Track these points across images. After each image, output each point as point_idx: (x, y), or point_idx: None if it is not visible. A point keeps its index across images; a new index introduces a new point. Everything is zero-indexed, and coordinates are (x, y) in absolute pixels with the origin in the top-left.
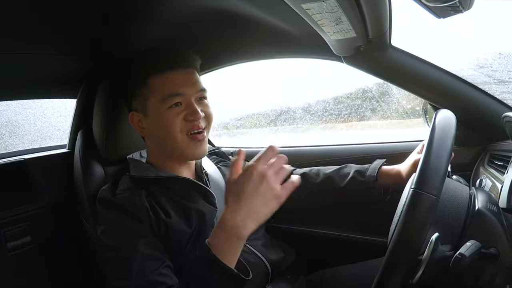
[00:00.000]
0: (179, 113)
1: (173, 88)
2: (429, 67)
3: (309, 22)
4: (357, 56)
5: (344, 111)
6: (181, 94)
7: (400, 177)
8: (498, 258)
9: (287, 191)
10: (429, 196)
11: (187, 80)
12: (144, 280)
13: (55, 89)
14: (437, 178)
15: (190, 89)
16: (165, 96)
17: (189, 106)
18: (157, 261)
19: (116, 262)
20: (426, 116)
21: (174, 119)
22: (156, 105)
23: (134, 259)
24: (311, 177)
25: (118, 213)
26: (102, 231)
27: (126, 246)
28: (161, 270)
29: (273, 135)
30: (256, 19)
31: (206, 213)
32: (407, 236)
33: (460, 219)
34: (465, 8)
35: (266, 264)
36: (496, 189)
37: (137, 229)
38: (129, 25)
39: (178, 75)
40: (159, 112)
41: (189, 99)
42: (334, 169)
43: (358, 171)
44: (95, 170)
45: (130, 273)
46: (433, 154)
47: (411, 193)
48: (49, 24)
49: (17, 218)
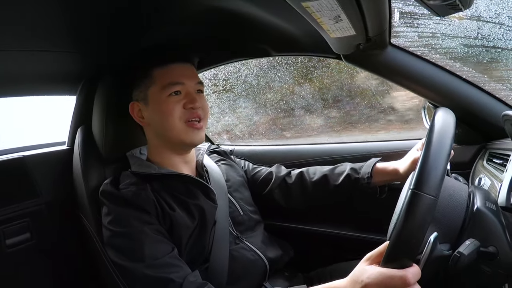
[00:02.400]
0: (179, 101)
1: (174, 77)
2: (429, 65)
3: (309, 20)
4: (357, 54)
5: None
6: (181, 83)
7: (398, 174)
8: (496, 256)
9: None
10: (428, 197)
11: (187, 72)
12: (158, 262)
13: (54, 86)
14: (435, 179)
15: (190, 80)
16: (166, 84)
17: (188, 94)
18: (168, 245)
19: (127, 248)
20: (425, 115)
21: (174, 106)
22: (156, 92)
23: (145, 243)
24: (308, 175)
25: (125, 205)
26: (110, 221)
27: (135, 231)
28: (174, 254)
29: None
30: (256, 17)
31: (206, 209)
32: (406, 237)
33: (459, 217)
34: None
35: (265, 261)
36: (495, 188)
37: (144, 218)
38: (129, 23)
39: (180, 67)
40: (160, 99)
41: (189, 88)
42: (330, 168)
43: (353, 169)
44: (95, 167)
45: (143, 257)
46: (431, 154)
47: (410, 194)
48: (48, 21)
49: (16, 214)
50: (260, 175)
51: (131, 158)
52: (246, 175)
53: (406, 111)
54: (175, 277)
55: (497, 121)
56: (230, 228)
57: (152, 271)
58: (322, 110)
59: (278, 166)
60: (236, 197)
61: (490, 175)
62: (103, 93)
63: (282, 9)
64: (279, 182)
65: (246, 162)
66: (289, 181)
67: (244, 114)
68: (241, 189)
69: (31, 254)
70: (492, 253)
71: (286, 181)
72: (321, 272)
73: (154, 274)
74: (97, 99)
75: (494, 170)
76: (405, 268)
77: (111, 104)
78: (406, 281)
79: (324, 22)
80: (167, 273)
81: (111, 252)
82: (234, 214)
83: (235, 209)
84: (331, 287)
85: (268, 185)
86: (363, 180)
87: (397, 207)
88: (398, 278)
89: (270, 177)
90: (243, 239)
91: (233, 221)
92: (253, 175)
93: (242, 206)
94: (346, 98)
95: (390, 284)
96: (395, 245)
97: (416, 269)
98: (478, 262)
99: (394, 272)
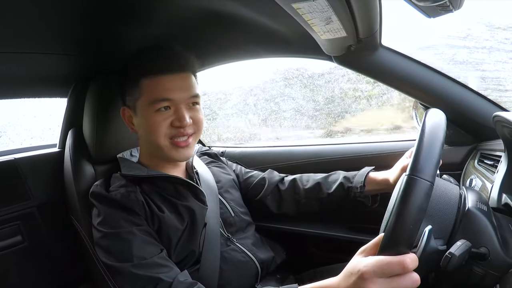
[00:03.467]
0: (166, 118)
1: (162, 93)
2: (420, 66)
3: (300, 21)
4: (348, 55)
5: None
6: (169, 99)
7: (388, 184)
8: (488, 257)
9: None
10: (424, 181)
11: (179, 85)
12: (146, 262)
13: (45, 88)
14: (430, 165)
15: (181, 95)
16: (153, 100)
17: (177, 111)
18: (156, 247)
19: (116, 248)
20: (416, 116)
21: (161, 123)
22: (144, 106)
23: (133, 244)
24: (301, 182)
25: (114, 207)
26: (99, 222)
27: (124, 232)
28: (163, 255)
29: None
30: (247, 19)
31: (196, 211)
32: (403, 223)
33: (450, 218)
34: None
35: (256, 263)
36: (486, 189)
37: (133, 219)
38: (121, 25)
39: (171, 79)
40: (147, 114)
41: (179, 104)
42: (323, 176)
43: (346, 177)
44: (85, 169)
45: (131, 257)
46: (425, 142)
47: (406, 179)
48: (39, 23)
49: (8, 217)
50: (253, 180)
51: (122, 160)
52: (238, 179)
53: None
54: (165, 276)
55: (488, 122)
56: (221, 230)
57: (141, 270)
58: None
59: (270, 172)
60: (227, 198)
61: (481, 176)
62: (94, 95)
63: (273, 10)
64: (272, 189)
65: (239, 166)
66: (282, 187)
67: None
68: (231, 190)
69: (23, 257)
70: (484, 254)
71: (279, 188)
72: (313, 274)
73: (142, 273)
74: (88, 101)
75: (485, 171)
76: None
77: (101, 106)
78: (404, 265)
79: (315, 24)
80: (156, 272)
81: (100, 253)
82: (225, 215)
83: (226, 210)
84: (323, 284)
85: (260, 191)
86: (356, 189)
87: (390, 203)
88: (396, 263)
89: (263, 183)
90: (234, 240)
91: (224, 222)
92: (246, 179)
93: (233, 207)
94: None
95: (388, 270)
96: (392, 232)
97: (414, 255)
98: (470, 263)
99: (392, 258)
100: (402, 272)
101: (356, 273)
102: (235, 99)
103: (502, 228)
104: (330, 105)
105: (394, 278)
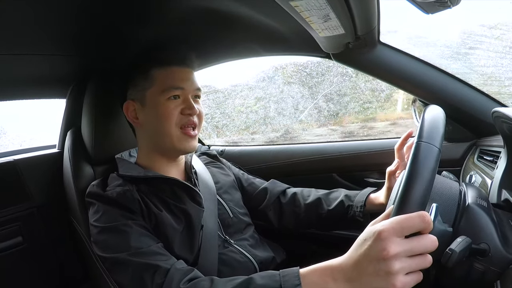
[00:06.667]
0: (177, 106)
1: (175, 81)
2: (418, 63)
3: (298, 19)
4: (346, 53)
5: None
6: (181, 88)
7: (383, 205)
8: (488, 253)
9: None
10: (433, 146)
11: (187, 76)
12: (143, 251)
13: (44, 89)
14: (437, 132)
15: (189, 86)
16: (166, 87)
17: (187, 100)
18: (152, 240)
19: (112, 241)
20: (415, 112)
21: (172, 111)
22: (155, 95)
23: (130, 235)
24: (302, 196)
25: (110, 204)
26: (96, 219)
27: (120, 225)
28: (159, 246)
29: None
30: (245, 17)
31: (192, 214)
32: (417, 181)
33: (450, 215)
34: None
35: (254, 264)
36: (486, 185)
37: (129, 215)
38: (119, 26)
39: (180, 70)
40: (158, 102)
41: (187, 94)
42: (324, 192)
43: (347, 196)
44: (85, 169)
45: (128, 247)
46: (429, 117)
47: (416, 145)
48: (38, 24)
49: (8, 218)
50: (255, 189)
51: (119, 161)
52: (241, 183)
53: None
54: (162, 263)
55: (487, 118)
56: (219, 232)
57: (138, 258)
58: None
59: (273, 182)
60: (226, 199)
61: (481, 172)
62: (92, 96)
63: (271, 8)
64: (273, 200)
65: (241, 171)
66: (283, 200)
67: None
68: (231, 190)
69: (23, 258)
70: (484, 250)
71: (280, 200)
72: None
73: (139, 260)
74: (86, 102)
75: (485, 167)
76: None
77: (100, 107)
78: (425, 218)
79: (313, 21)
80: (153, 260)
81: (97, 248)
82: (224, 216)
83: (225, 211)
84: (325, 265)
85: (262, 202)
86: (356, 208)
87: (395, 188)
88: (416, 216)
89: (265, 194)
90: (232, 242)
91: (222, 223)
92: (248, 186)
93: (232, 208)
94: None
95: (408, 225)
96: (407, 193)
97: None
98: (470, 259)
99: (411, 214)
100: (423, 225)
101: (371, 236)
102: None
103: (502, 224)
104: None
105: (413, 238)
